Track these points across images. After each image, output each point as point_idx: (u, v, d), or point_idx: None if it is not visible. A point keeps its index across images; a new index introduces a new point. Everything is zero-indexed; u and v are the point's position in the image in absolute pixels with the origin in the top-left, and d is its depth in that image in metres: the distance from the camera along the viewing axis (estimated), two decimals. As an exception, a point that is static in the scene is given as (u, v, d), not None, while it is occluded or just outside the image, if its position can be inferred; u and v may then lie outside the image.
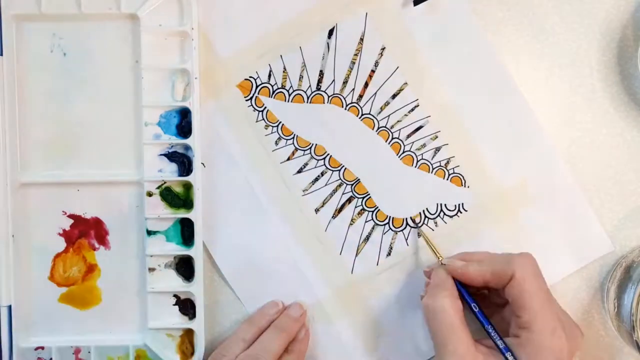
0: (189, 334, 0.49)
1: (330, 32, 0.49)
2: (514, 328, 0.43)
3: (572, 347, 0.42)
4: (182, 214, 0.48)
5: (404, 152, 0.49)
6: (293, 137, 0.50)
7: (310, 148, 0.50)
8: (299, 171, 0.50)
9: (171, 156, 0.49)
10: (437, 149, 0.49)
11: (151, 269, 0.49)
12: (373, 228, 0.50)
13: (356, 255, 0.50)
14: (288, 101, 0.49)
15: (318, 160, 0.50)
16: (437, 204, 0.49)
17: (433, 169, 0.49)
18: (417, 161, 0.49)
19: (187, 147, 0.48)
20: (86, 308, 0.50)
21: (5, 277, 0.48)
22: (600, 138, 0.49)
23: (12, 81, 0.48)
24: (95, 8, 0.48)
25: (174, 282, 0.49)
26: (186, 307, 0.49)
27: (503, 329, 0.44)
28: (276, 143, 0.50)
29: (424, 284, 0.48)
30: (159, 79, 0.48)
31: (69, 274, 0.50)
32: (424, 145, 0.49)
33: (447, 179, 0.49)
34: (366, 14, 0.49)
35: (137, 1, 0.47)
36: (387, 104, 0.49)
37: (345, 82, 0.49)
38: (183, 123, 0.48)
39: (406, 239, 0.50)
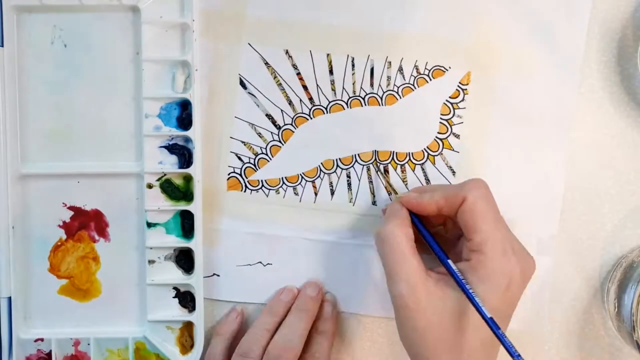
0: (188, 326, 0.49)
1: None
2: (465, 253, 0.43)
3: (524, 274, 0.42)
4: (182, 206, 0.48)
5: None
6: (297, 184, 0.50)
7: (318, 175, 0.50)
8: (333, 193, 0.50)
9: (171, 148, 0.49)
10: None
11: (151, 261, 0.49)
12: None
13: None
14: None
15: (330, 173, 0.50)
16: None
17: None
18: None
19: (188, 139, 0.48)
20: (86, 300, 0.50)
21: (5, 269, 0.48)
22: (600, 138, 0.49)
23: (13, 72, 0.48)
24: (96, -1, 0.48)
25: (174, 275, 0.49)
26: (186, 299, 0.49)
27: (458, 261, 0.43)
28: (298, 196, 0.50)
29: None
30: (159, 71, 0.48)
31: (68, 266, 0.49)
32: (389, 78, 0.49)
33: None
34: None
35: (138, -7, 0.47)
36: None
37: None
38: (183, 115, 0.48)
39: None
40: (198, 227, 0.48)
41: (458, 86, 0.49)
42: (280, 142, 0.50)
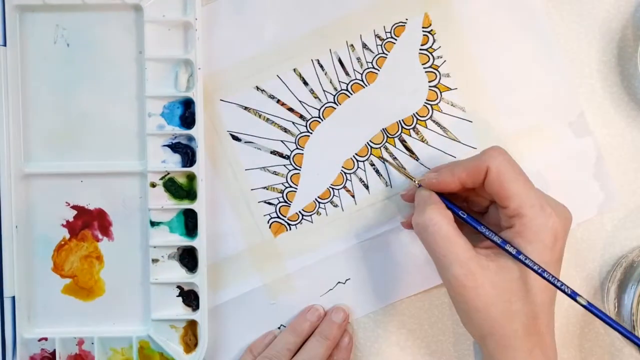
0: (192, 325, 0.49)
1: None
2: (505, 221, 0.42)
3: (566, 225, 0.42)
4: (185, 204, 0.48)
5: None
6: (332, 198, 0.50)
7: (345, 179, 0.50)
8: (367, 187, 0.50)
9: (175, 147, 0.49)
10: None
11: (154, 260, 0.49)
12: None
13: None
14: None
15: (355, 170, 0.50)
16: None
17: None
18: None
19: (191, 138, 0.48)
20: (89, 299, 0.50)
21: (9, 269, 0.48)
22: (600, 138, 0.49)
23: (16, 72, 0.48)
24: (99, -2, 0.47)
25: (178, 273, 0.49)
26: (190, 298, 0.49)
27: (498, 232, 0.43)
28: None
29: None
30: (162, 70, 0.48)
31: (72, 265, 0.49)
32: None
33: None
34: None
35: (140, -8, 0.47)
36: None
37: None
38: (186, 114, 0.48)
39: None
40: (202, 225, 0.48)
41: (423, 31, 0.49)
42: (296, 168, 0.50)
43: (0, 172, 0.47)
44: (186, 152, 0.49)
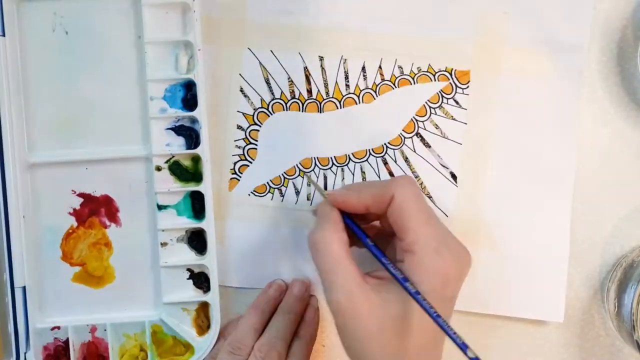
0: (204, 307, 0.49)
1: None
2: (399, 253, 0.41)
3: (460, 270, 0.40)
4: (191, 187, 0.48)
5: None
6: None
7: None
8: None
9: (178, 130, 0.48)
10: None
11: (163, 244, 0.49)
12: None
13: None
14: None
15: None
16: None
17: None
18: None
19: (194, 120, 0.48)
20: (100, 286, 0.50)
21: (18, 259, 0.48)
22: (600, 138, 0.49)
23: (16, 62, 0.48)
24: (95, -16, 0.47)
25: (187, 256, 0.49)
26: (200, 280, 0.49)
27: (393, 260, 0.41)
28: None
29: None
30: (162, 53, 0.48)
31: (81, 253, 0.49)
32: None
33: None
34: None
35: (136, -24, 0.47)
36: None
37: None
38: (188, 96, 0.48)
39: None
40: (209, 206, 0.48)
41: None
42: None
43: (5, 163, 0.47)
44: (190, 135, 0.48)
